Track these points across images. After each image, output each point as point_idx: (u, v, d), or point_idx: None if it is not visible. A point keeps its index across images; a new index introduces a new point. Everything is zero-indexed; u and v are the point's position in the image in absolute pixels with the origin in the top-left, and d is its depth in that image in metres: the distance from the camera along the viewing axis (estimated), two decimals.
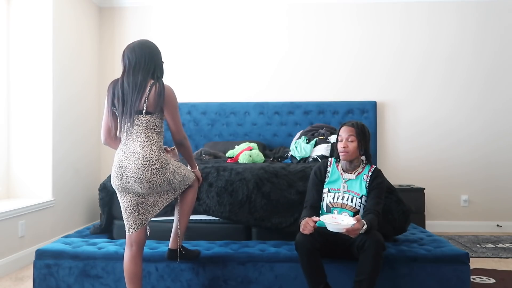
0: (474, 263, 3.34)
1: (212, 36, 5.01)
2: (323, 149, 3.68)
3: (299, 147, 3.77)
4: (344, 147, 2.44)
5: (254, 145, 4.11)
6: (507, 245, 4.09)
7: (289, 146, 4.18)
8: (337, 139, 2.53)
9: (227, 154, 4.08)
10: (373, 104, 4.79)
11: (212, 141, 4.76)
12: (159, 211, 2.29)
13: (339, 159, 2.55)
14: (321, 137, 3.82)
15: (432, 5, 4.86)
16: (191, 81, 5.01)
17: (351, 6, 4.92)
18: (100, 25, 5.05)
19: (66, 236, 3.02)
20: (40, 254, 2.64)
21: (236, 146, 4.14)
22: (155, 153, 2.17)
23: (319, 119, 4.80)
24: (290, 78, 4.96)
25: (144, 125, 2.18)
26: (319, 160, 3.52)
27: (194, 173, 2.45)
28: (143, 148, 2.16)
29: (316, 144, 3.75)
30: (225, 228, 2.97)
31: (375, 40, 4.91)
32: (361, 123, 2.52)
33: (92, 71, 4.83)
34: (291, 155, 3.87)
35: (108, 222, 3.09)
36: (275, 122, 4.87)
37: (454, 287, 2.53)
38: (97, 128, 4.84)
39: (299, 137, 3.99)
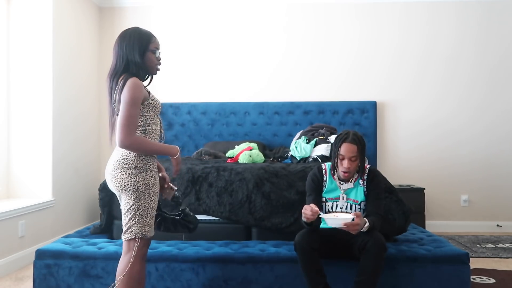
0: (474, 263, 3.34)
1: (212, 36, 5.01)
2: (323, 149, 3.68)
3: (299, 147, 3.77)
4: (347, 167, 2.34)
5: (254, 145, 4.11)
6: (507, 245, 4.09)
7: (289, 146, 4.18)
8: (336, 154, 2.39)
9: (227, 154, 4.08)
10: (373, 104, 4.79)
11: (212, 141, 4.76)
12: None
13: (335, 171, 2.47)
14: (321, 137, 3.82)
15: (432, 4, 4.86)
16: (191, 81, 5.01)
17: (350, 6, 4.92)
18: (100, 25, 5.05)
19: (66, 236, 3.02)
20: (40, 254, 2.64)
21: (236, 146, 4.14)
22: (133, 153, 1.99)
23: (319, 119, 4.80)
24: (289, 78, 4.96)
25: None
26: (319, 160, 3.51)
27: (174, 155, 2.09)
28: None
29: (316, 144, 3.75)
30: (225, 228, 2.97)
31: (374, 39, 4.91)
32: (359, 135, 2.40)
33: (92, 71, 4.83)
34: (291, 155, 3.87)
35: (108, 222, 3.09)
36: (275, 122, 4.87)
37: (454, 287, 2.53)
38: (97, 128, 4.84)
39: (299, 137, 3.98)
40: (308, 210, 2.22)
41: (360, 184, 2.44)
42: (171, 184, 2.14)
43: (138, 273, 2.00)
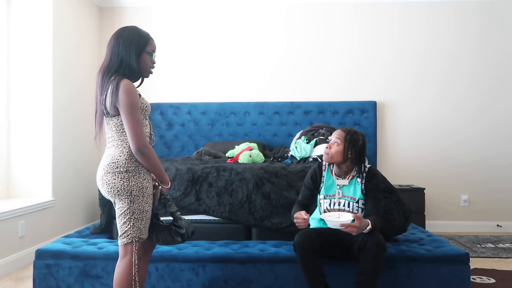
0: (474, 263, 3.34)
1: (212, 36, 5.01)
2: (323, 149, 3.66)
3: (299, 147, 3.76)
4: (326, 147, 2.45)
5: (254, 145, 4.11)
6: (507, 245, 4.09)
7: (289, 146, 4.18)
8: None
9: (227, 154, 4.08)
10: (373, 104, 4.79)
11: (212, 141, 4.76)
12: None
13: (333, 164, 2.51)
14: (321, 137, 3.82)
15: (432, 5, 4.86)
16: (191, 81, 5.01)
17: (350, 5, 4.92)
18: (100, 25, 5.05)
19: (66, 236, 3.01)
20: (40, 254, 2.64)
21: (236, 146, 4.14)
22: (124, 155, 1.96)
23: (319, 119, 4.80)
24: (289, 77, 4.96)
25: (114, 128, 1.99)
26: (319, 160, 3.51)
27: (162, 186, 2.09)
28: (115, 148, 1.98)
29: (316, 144, 3.75)
30: (225, 228, 2.97)
31: (374, 39, 4.91)
32: (356, 131, 2.45)
33: (92, 71, 4.82)
34: (291, 155, 3.87)
35: (108, 222, 3.09)
36: (275, 122, 4.87)
37: (454, 287, 2.53)
38: None
39: (299, 137, 3.98)
40: (301, 219, 2.27)
41: (358, 182, 2.45)
42: (156, 183, 2.08)
43: (136, 274, 1.99)
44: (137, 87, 2.08)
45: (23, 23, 3.91)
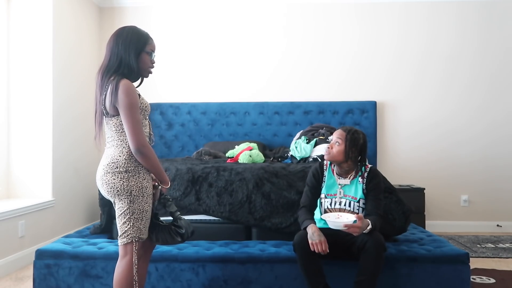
0: (474, 263, 3.34)
1: (212, 36, 5.01)
2: (323, 149, 3.67)
3: (299, 147, 3.76)
4: (328, 147, 2.47)
5: (254, 145, 4.11)
6: (507, 245, 4.09)
7: (289, 146, 4.18)
8: None
9: (227, 154, 4.08)
10: (373, 104, 4.79)
11: (212, 141, 4.76)
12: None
13: (334, 163, 2.53)
14: (321, 137, 3.82)
15: (432, 4, 4.86)
16: (191, 81, 5.01)
17: (350, 5, 4.92)
18: (100, 25, 5.05)
19: (66, 236, 3.01)
20: (40, 254, 2.64)
21: (236, 146, 4.15)
22: (124, 155, 1.96)
23: (319, 119, 4.80)
24: (289, 77, 4.96)
25: (113, 128, 1.99)
26: (319, 160, 3.51)
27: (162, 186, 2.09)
28: (115, 148, 1.99)
29: (316, 144, 3.75)
30: (225, 228, 2.97)
31: (374, 39, 4.91)
32: (356, 130, 2.48)
33: (92, 71, 4.82)
34: (291, 155, 3.87)
35: (108, 222, 3.09)
36: (275, 122, 4.87)
37: (454, 287, 2.53)
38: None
39: (299, 137, 3.98)
40: (319, 247, 2.20)
41: (359, 181, 2.45)
42: (155, 183, 2.08)
43: (136, 274, 1.99)
44: (137, 87, 2.08)
45: (23, 23, 3.91)
